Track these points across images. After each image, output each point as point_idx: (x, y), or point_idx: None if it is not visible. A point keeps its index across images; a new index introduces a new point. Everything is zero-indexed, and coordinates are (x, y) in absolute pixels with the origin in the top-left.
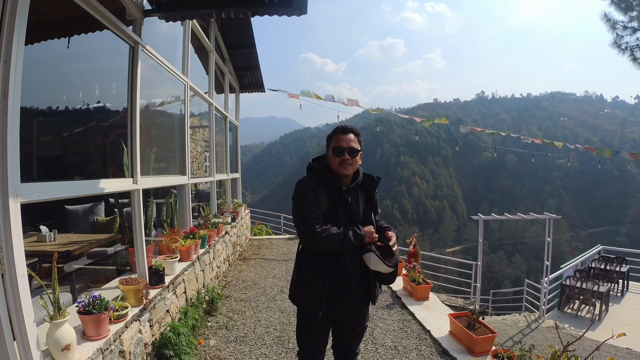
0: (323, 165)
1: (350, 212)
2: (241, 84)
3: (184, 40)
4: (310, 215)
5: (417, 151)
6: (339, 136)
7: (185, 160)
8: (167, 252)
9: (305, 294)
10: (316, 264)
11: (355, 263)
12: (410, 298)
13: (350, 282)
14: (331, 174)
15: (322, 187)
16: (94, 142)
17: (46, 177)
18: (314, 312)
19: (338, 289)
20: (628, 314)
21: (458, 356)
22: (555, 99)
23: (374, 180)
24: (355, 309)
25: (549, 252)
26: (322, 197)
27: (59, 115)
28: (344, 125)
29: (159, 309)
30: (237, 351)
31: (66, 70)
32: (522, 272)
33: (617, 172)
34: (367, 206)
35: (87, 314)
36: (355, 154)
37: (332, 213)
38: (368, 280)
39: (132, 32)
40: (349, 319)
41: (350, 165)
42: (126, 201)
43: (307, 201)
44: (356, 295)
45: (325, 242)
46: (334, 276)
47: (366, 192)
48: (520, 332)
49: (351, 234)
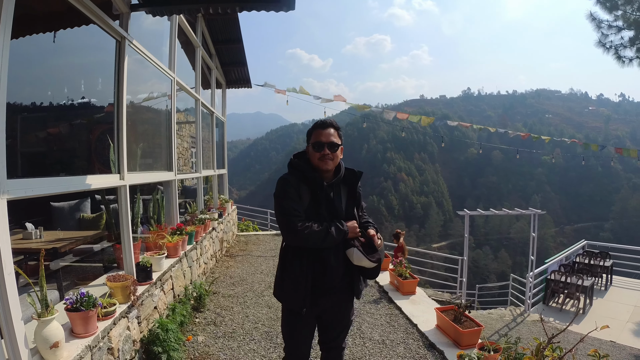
0: (304, 160)
1: (332, 207)
2: (228, 79)
3: (171, 35)
4: (291, 212)
5: (404, 147)
6: (318, 131)
7: (171, 156)
8: (154, 248)
9: (289, 290)
10: (299, 261)
11: (339, 258)
12: (397, 292)
13: (333, 277)
14: (312, 170)
15: (303, 182)
16: (80, 138)
17: (30, 173)
18: (298, 308)
19: (322, 285)
20: (612, 307)
21: (445, 349)
22: (540, 96)
23: (356, 174)
24: (339, 304)
25: (534, 247)
26: (303, 193)
27: (44, 111)
28: (323, 119)
29: (147, 306)
30: (225, 347)
31: (52, 66)
32: (508, 267)
33: (601, 169)
34: (349, 201)
35: (75, 311)
36: (335, 148)
37: (314, 209)
38: (352, 275)
39: (118, 26)
40: (334, 314)
41: (331, 160)
42: (112, 197)
43: (289, 198)
44: (340, 290)
45: (308, 239)
46: (318, 272)
47: (348, 186)
48: (506, 326)
49: (333, 229)
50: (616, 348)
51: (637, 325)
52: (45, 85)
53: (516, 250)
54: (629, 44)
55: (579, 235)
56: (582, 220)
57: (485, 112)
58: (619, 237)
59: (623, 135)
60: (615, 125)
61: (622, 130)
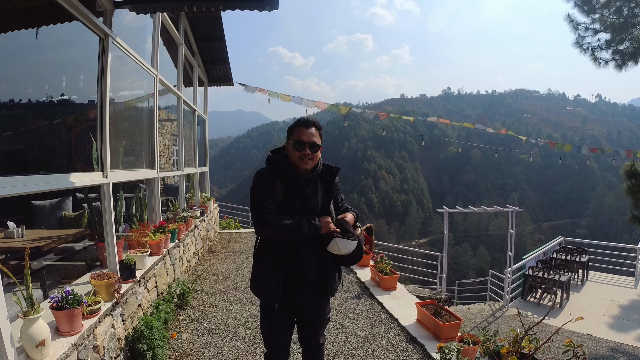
0: (282, 156)
1: (306, 203)
2: (210, 77)
3: (154, 32)
4: (263, 205)
5: (384, 145)
6: (301, 129)
7: (154, 154)
8: (137, 246)
9: (262, 284)
10: (272, 255)
11: (311, 254)
12: (378, 288)
13: (305, 273)
14: (288, 165)
15: (278, 177)
16: (60, 136)
17: (10, 171)
18: (271, 303)
19: (294, 280)
20: (588, 301)
21: (425, 342)
22: (519, 96)
23: (332, 170)
24: (314, 302)
25: (512, 243)
26: (278, 188)
27: (23, 108)
28: (306, 118)
29: (131, 304)
30: (209, 344)
31: (32, 62)
32: (486, 263)
33: (578, 167)
34: (325, 197)
35: (61, 309)
36: (316, 149)
37: (288, 204)
38: (326, 273)
39: (102, 23)
40: (310, 312)
41: (311, 160)
42: (94, 196)
43: (262, 191)
44: (314, 287)
45: (278, 232)
46: (290, 267)
47: (325, 182)
48: (485, 320)
49: (305, 224)
50: (592, 340)
51: (612, 318)
52: (25, 82)
53: (495, 247)
54: (605, 46)
55: (556, 232)
56: (559, 218)
57: (464, 112)
58: (595, 234)
59: (599, 135)
60: (592, 125)
61: (598, 130)
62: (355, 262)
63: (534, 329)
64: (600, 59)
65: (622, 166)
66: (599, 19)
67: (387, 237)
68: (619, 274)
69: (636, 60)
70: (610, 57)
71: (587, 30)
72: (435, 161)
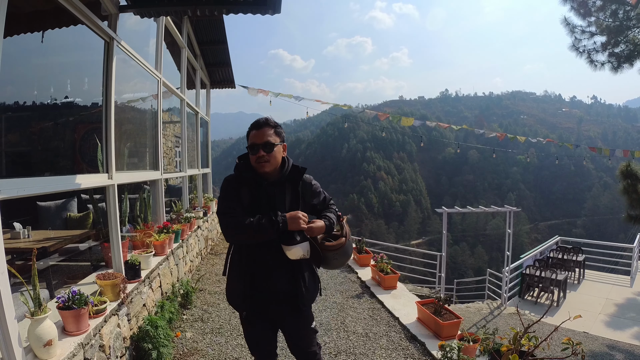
0: (247, 161)
1: (272, 207)
2: (212, 79)
3: (157, 36)
4: (227, 211)
5: (383, 147)
6: (252, 132)
7: (158, 156)
8: (142, 247)
9: (231, 290)
10: (239, 260)
11: (279, 261)
12: (378, 287)
13: (273, 282)
14: (251, 170)
15: (244, 183)
16: (67, 138)
17: (15, 173)
18: (239, 310)
19: (263, 289)
20: (584, 300)
21: (426, 341)
22: (516, 98)
23: (299, 170)
24: (291, 315)
25: (509, 243)
26: (244, 194)
27: (29, 110)
28: (258, 119)
29: (136, 303)
30: (213, 342)
31: (39, 65)
32: (484, 262)
33: (574, 168)
34: (294, 200)
35: (67, 309)
36: (271, 149)
37: (254, 209)
38: (296, 282)
39: (107, 27)
40: (290, 323)
41: (267, 162)
42: (98, 197)
43: (227, 198)
44: (284, 298)
45: (239, 232)
46: (257, 274)
47: (292, 184)
48: (483, 319)
49: (266, 220)
50: (589, 338)
51: (608, 316)
52: (31, 85)
53: (492, 246)
54: (601, 49)
55: (553, 232)
56: (555, 217)
57: (462, 113)
58: (591, 233)
59: (595, 136)
60: (587, 126)
61: (594, 131)
62: (318, 265)
63: (533, 327)
64: (596, 61)
65: (618, 166)
66: (595, 22)
67: (386, 237)
68: (614, 273)
69: (632, 63)
70: (606, 59)
71: (583, 33)
72: (433, 162)
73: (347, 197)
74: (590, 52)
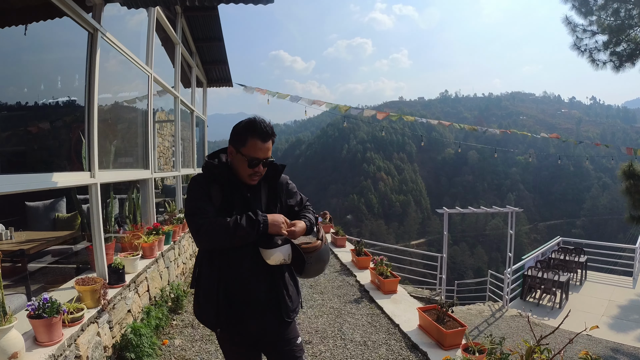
0: (219, 160)
1: (248, 208)
2: (209, 78)
3: (149, 29)
4: (196, 212)
5: (383, 147)
6: (257, 142)
7: (148, 154)
8: (130, 249)
9: (203, 304)
10: (211, 269)
11: (257, 267)
12: (378, 291)
13: (251, 291)
14: (225, 168)
15: (214, 182)
16: (59, 137)
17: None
18: (212, 328)
19: (239, 300)
20: (587, 301)
21: (428, 350)
22: (515, 99)
23: (277, 168)
24: (273, 325)
25: (511, 243)
26: (215, 193)
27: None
28: (265, 127)
29: (120, 309)
30: (202, 350)
31: (23, 61)
32: (484, 262)
33: (573, 168)
34: (271, 200)
35: (38, 318)
36: (268, 164)
37: (227, 211)
38: (277, 291)
39: (91, 18)
40: (273, 339)
41: (261, 176)
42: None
43: (195, 198)
44: (265, 309)
45: (213, 235)
46: (232, 283)
47: (269, 183)
48: (485, 322)
49: (245, 220)
50: (592, 341)
51: (611, 318)
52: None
53: (492, 247)
54: (602, 48)
55: (552, 232)
56: (554, 218)
57: (462, 114)
58: (590, 233)
59: (594, 137)
60: (587, 127)
61: (593, 132)
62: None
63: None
64: (598, 60)
65: (620, 166)
66: (597, 21)
67: (386, 237)
68: (616, 274)
69: (633, 62)
70: (608, 58)
71: (584, 32)
72: (433, 162)
73: (347, 198)
74: (591, 51)
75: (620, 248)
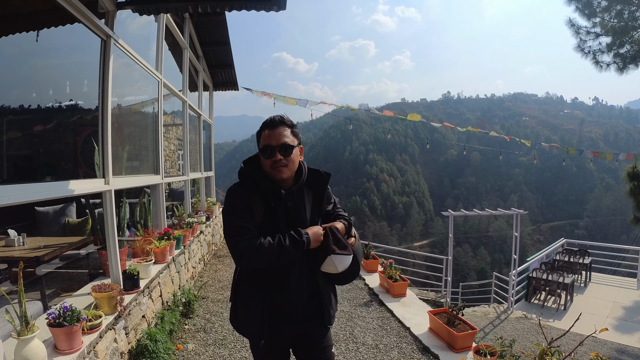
0: (256, 167)
1: (291, 220)
2: (215, 81)
3: (158, 35)
4: (237, 232)
5: (386, 149)
6: (267, 132)
7: (158, 159)
8: (142, 254)
9: (244, 319)
10: (253, 283)
11: (301, 278)
12: (387, 295)
13: (295, 302)
14: (265, 178)
15: (255, 193)
16: (66, 141)
17: (16, 177)
18: (256, 340)
19: (282, 312)
20: (591, 303)
21: (439, 353)
22: (517, 100)
23: (322, 176)
24: (309, 335)
25: (516, 245)
26: (256, 206)
27: (29, 113)
28: (272, 117)
29: (135, 315)
30: (216, 355)
31: (35, 66)
32: (487, 264)
33: (576, 169)
34: (315, 209)
35: (58, 326)
36: (290, 151)
37: (271, 223)
38: (320, 297)
39: (104, 25)
40: (308, 346)
41: (285, 167)
42: (98, 201)
43: (236, 214)
44: (307, 316)
45: (257, 260)
46: (276, 297)
47: (314, 191)
48: (490, 323)
49: (289, 241)
50: (597, 343)
51: (616, 320)
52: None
53: (495, 248)
54: (606, 50)
55: (555, 233)
56: (557, 219)
57: (464, 115)
58: (593, 235)
59: (596, 137)
60: (589, 128)
61: (596, 133)
62: (352, 279)
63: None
64: (601, 62)
65: (624, 168)
66: (600, 23)
67: (389, 239)
68: (621, 275)
69: (637, 64)
70: (612, 60)
71: (588, 34)
72: (435, 164)
73: (349, 199)
74: (595, 53)
75: (624, 249)
